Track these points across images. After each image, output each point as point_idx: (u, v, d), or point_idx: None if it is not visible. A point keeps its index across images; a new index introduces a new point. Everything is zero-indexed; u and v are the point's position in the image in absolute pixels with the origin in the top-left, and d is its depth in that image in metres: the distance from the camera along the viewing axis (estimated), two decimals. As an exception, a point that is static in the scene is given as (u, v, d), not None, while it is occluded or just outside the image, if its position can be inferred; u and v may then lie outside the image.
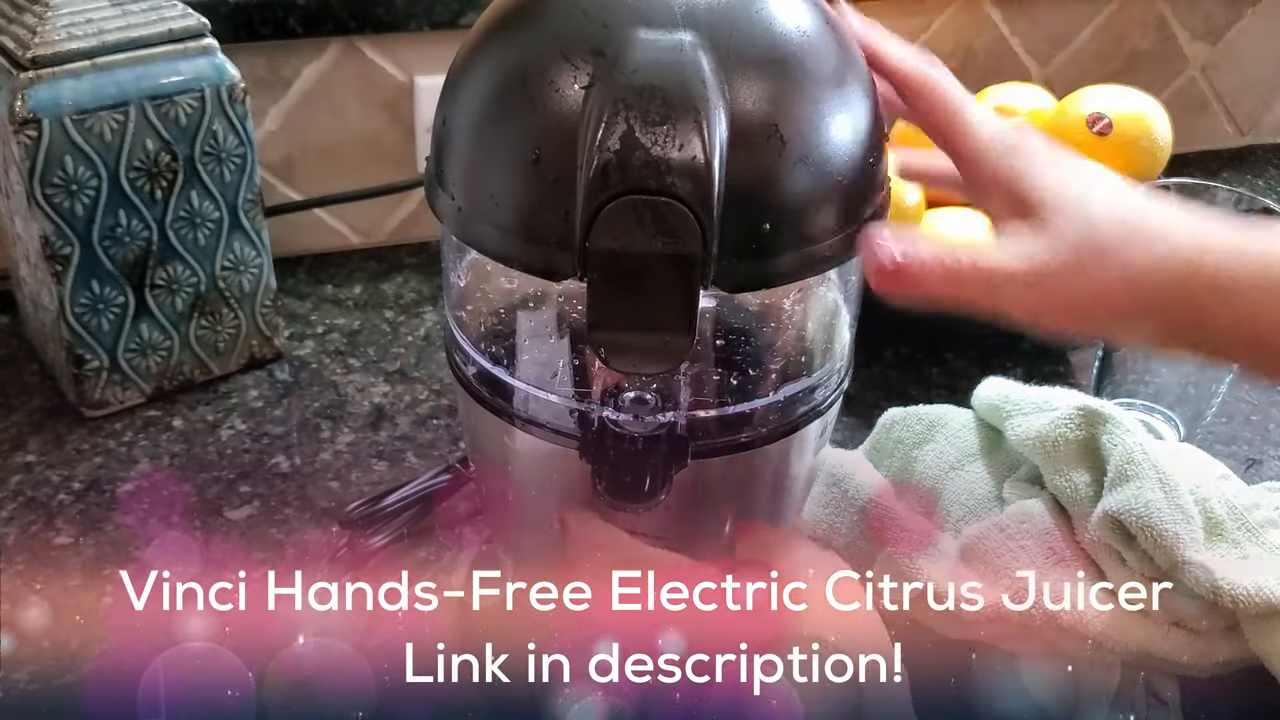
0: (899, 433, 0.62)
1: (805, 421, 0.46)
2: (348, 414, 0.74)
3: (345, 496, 0.66)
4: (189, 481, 0.67)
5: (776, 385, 0.46)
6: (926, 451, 0.60)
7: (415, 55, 0.86)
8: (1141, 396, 0.71)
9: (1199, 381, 0.69)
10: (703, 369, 0.46)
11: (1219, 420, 0.77)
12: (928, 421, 0.61)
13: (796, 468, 0.49)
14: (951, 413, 0.62)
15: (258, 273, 0.74)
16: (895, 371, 0.80)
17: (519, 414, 0.45)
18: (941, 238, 0.67)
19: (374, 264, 0.91)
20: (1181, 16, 1.09)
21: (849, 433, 0.74)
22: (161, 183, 0.68)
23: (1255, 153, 1.19)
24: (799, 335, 0.49)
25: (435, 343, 0.81)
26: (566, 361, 0.47)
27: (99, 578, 0.60)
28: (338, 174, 0.89)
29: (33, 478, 0.67)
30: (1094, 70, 1.08)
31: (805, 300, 0.48)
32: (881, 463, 0.61)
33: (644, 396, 0.42)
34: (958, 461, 0.60)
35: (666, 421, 0.41)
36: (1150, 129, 0.81)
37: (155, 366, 0.72)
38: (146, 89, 0.65)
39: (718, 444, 0.44)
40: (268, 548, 0.63)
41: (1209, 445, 0.74)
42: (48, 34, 0.63)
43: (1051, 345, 0.84)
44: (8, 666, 0.54)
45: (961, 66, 1.03)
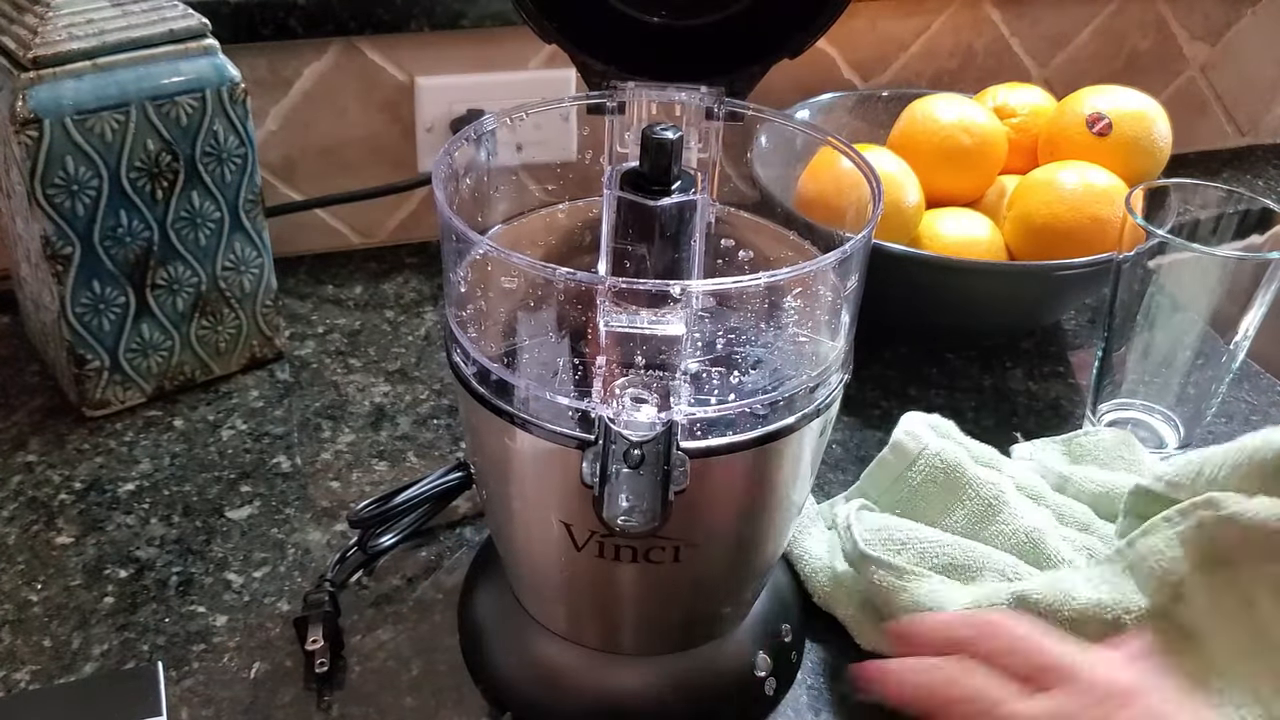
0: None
1: (805, 421, 0.47)
2: (348, 414, 0.74)
3: (346, 496, 0.67)
4: (189, 481, 0.67)
5: (776, 385, 0.46)
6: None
7: (416, 55, 0.86)
8: (1141, 397, 0.71)
9: (1199, 382, 0.69)
10: (702, 369, 0.46)
11: (1219, 420, 0.77)
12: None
13: (797, 467, 0.49)
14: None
15: (258, 273, 0.74)
16: (895, 371, 0.80)
17: (519, 414, 0.45)
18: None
19: (374, 264, 0.91)
20: (1181, 17, 1.09)
21: (849, 433, 0.74)
22: (162, 183, 0.68)
23: (1255, 153, 1.19)
24: (799, 335, 0.49)
25: (435, 342, 0.81)
26: (567, 361, 0.47)
27: (99, 577, 0.61)
28: (338, 174, 0.89)
29: (33, 477, 0.67)
30: (1094, 70, 1.08)
31: (805, 300, 0.48)
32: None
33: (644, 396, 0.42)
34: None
35: (666, 421, 0.41)
36: (1150, 129, 0.81)
37: (156, 366, 0.73)
38: (147, 89, 0.65)
39: (718, 444, 0.45)
40: (269, 548, 0.63)
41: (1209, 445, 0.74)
42: (49, 34, 0.63)
43: (1051, 345, 0.84)
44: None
45: (961, 66, 1.04)
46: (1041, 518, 0.60)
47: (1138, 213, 0.67)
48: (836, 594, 0.59)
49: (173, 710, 0.54)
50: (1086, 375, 0.81)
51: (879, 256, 0.54)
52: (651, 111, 0.52)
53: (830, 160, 0.55)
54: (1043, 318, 0.85)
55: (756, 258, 0.54)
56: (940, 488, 0.60)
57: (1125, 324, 0.69)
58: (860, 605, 0.58)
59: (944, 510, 0.60)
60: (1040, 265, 0.75)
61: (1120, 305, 0.69)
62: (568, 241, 0.56)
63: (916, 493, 0.61)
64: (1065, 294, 0.79)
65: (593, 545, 0.47)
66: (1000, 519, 0.59)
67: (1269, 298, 0.65)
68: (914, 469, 0.61)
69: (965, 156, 0.83)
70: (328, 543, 0.63)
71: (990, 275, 0.76)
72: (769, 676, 0.55)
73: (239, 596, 0.60)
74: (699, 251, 0.47)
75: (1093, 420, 0.74)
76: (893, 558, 0.55)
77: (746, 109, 0.52)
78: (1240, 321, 0.66)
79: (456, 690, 0.55)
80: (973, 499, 0.60)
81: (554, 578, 0.52)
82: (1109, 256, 0.70)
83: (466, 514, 0.66)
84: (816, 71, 0.98)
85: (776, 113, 0.55)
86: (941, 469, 0.60)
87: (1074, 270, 0.73)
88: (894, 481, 0.62)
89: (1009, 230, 0.80)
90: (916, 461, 0.61)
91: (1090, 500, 0.64)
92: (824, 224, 0.55)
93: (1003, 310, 0.80)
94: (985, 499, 0.59)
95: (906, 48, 1.01)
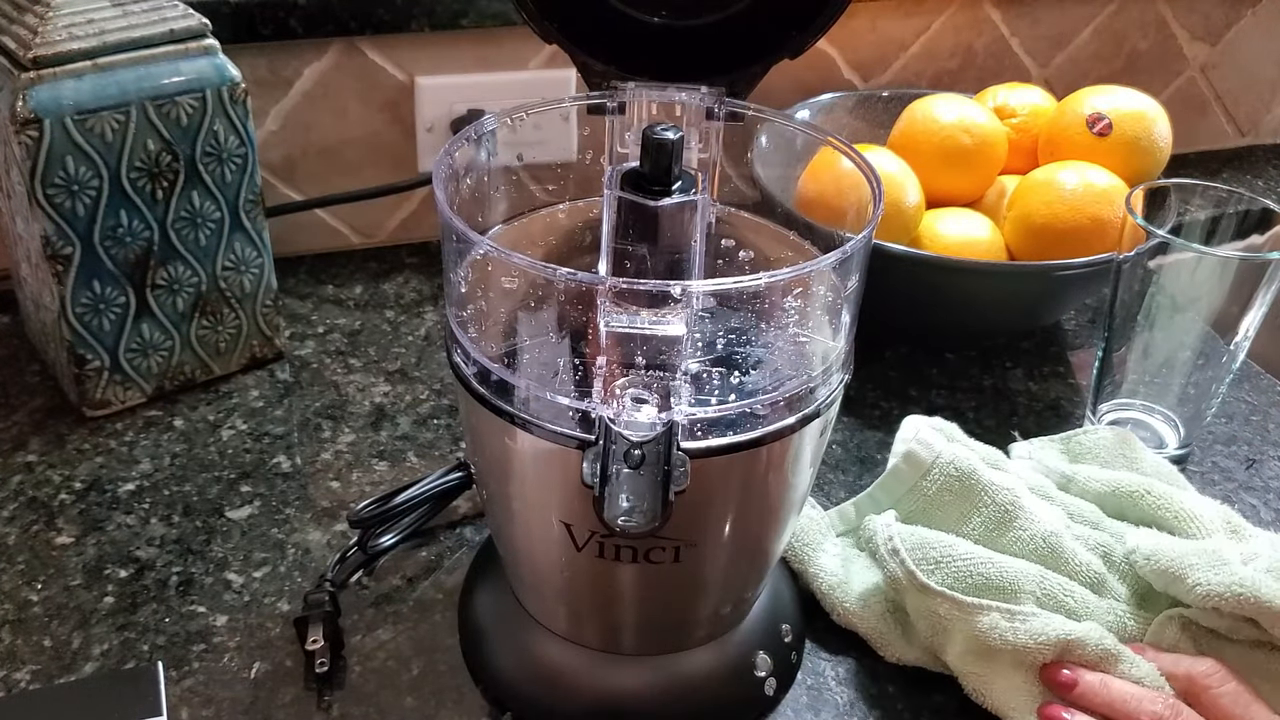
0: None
1: (805, 422, 0.47)
2: (348, 414, 0.74)
3: (346, 496, 0.67)
4: (190, 481, 0.67)
5: (776, 385, 0.46)
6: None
7: (416, 55, 0.86)
8: (1142, 397, 0.71)
9: (1199, 382, 0.69)
10: (703, 369, 0.46)
11: (1219, 420, 0.77)
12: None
13: (797, 468, 0.49)
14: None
15: (259, 273, 0.74)
16: (895, 371, 0.80)
17: (519, 414, 0.45)
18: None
19: (374, 264, 0.91)
20: (1181, 17, 1.09)
21: (849, 433, 0.74)
22: (163, 183, 0.68)
23: (1255, 153, 1.19)
24: (799, 335, 0.49)
25: (436, 342, 0.81)
26: (567, 362, 0.47)
27: (99, 577, 0.61)
28: (338, 174, 0.89)
29: (34, 477, 0.67)
30: (1094, 70, 1.08)
31: (805, 300, 0.48)
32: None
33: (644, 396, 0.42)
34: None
35: (667, 421, 0.41)
36: (1150, 129, 0.81)
37: (156, 366, 0.73)
38: (148, 89, 0.65)
39: (718, 444, 0.45)
40: (269, 548, 0.63)
41: (1209, 445, 0.75)
42: (49, 34, 0.63)
43: (1051, 345, 0.84)
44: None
45: (961, 66, 1.04)
46: (1055, 519, 0.60)
47: (1138, 213, 0.67)
48: (862, 612, 0.58)
49: (173, 710, 0.54)
50: (1087, 375, 0.81)
51: (879, 257, 0.54)
52: (652, 112, 0.52)
53: (830, 160, 0.55)
54: (1043, 318, 0.85)
55: (757, 258, 0.54)
56: (956, 496, 0.60)
57: (1125, 324, 0.69)
58: (884, 619, 0.58)
59: (961, 518, 0.60)
60: (1040, 265, 0.75)
61: (1120, 305, 0.69)
62: (568, 241, 0.56)
63: (933, 502, 0.61)
64: (1065, 294, 0.79)
65: (593, 545, 0.47)
66: (1017, 524, 0.59)
67: (1269, 298, 0.65)
68: (928, 478, 0.61)
69: (965, 157, 0.83)
70: (328, 543, 0.63)
71: (990, 275, 0.76)
72: (769, 676, 0.55)
73: (239, 596, 0.60)
74: (699, 252, 0.47)
75: (1093, 420, 0.74)
76: (928, 577, 0.55)
77: (747, 109, 0.52)
78: (1240, 321, 0.66)
79: (456, 690, 0.55)
80: (989, 505, 0.60)
81: (554, 578, 0.52)
82: (1109, 256, 0.70)
83: (466, 514, 0.66)
84: (816, 71, 0.98)
85: (777, 113, 0.55)
86: (956, 476, 0.60)
87: (1074, 270, 0.73)
88: (909, 491, 0.61)
89: (1009, 230, 0.80)
90: (931, 471, 0.61)
91: (1095, 499, 0.64)
92: (824, 224, 0.55)
93: (1003, 310, 0.80)
94: (1001, 505, 0.59)
95: (906, 48, 1.01)
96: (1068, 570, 0.58)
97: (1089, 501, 0.64)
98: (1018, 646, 0.53)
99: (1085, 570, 0.58)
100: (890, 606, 0.58)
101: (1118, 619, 0.57)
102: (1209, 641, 0.56)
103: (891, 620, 0.58)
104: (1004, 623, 0.54)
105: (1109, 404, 0.73)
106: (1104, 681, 0.53)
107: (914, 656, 0.57)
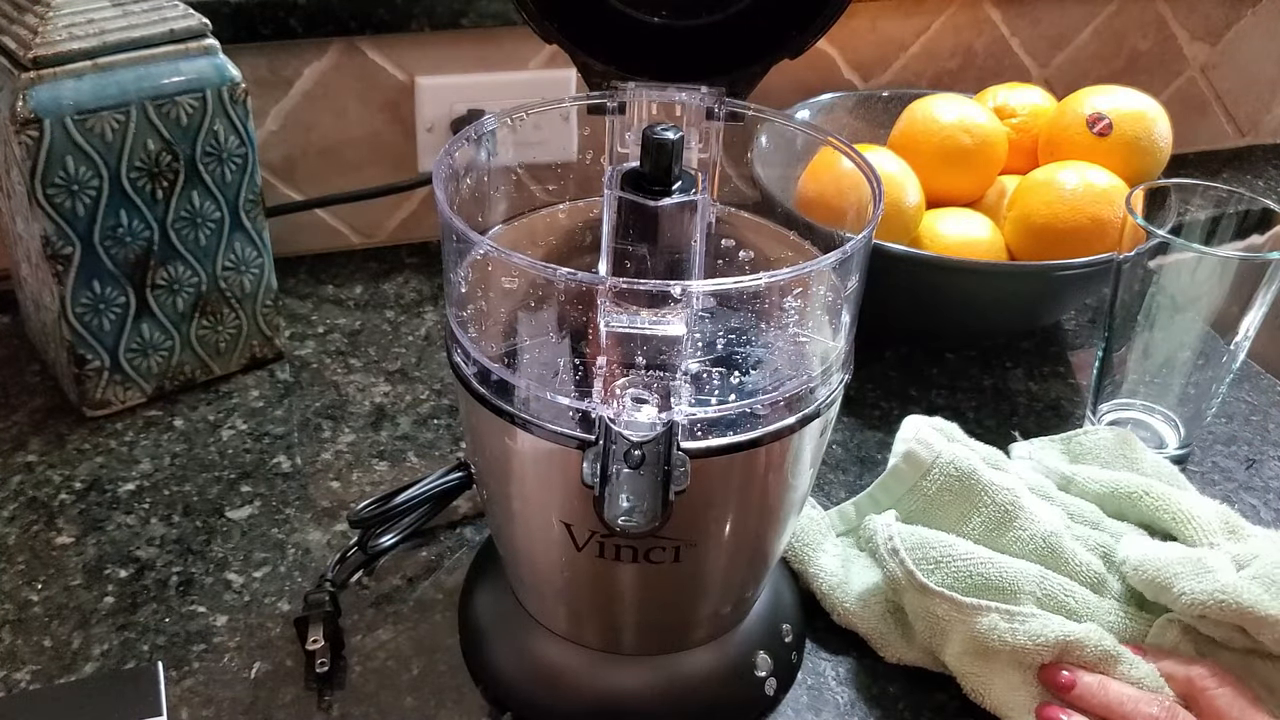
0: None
1: (805, 422, 0.47)
2: (349, 414, 0.74)
3: (346, 496, 0.67)
4: (190, 481, 0.67)
5: (776, 385, 0.46)
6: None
7: (416, 55, 0.86)
8: (1142, 397, 0.71)
9: (1199, 382, 0.69)
10: (703, 369, 0.46)
11: (1219, 420, 0.77)
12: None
13: (797, 468, 0.49)
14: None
15: (259, 273, 0.74)
16: (895, 371, 0.80)
17: (520, 414, 0.45)
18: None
19: (374, 264, 0.91)
20: (1181, 17, 1.09)
21: (849, 433, 0.74)
22: (163, 183, 0.68)
23: (1255, 153, 1.19)
24: (799, 335, 0.49)
25: (436, 342, 0.81)
26: (567, 361, 0.47)
27: (99, 577, 0.61)
28: (338, 174, 0.89)
29: (34, 477, 0.67)
30: (1094, 70, 1.08)
31: (805, 300, 0.48)
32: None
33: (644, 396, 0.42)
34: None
35: (667, 421, 0.41)
36: (1150, 129, 0.81)
37: (156, 366, 0.73)
38: (148, 89, 0.65)
39: (718, 444, 0.45)
40: (269, 548, 0.63)
41: (1209, 445, 0.75)
42: (49, 34, 0.63)
43: (1051, 345, 0.84)
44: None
45: (961, 66, 1.04)
46: (1054, 519, 0.60)
47: (1138, 213, 0.67)
48: (862, 612, 0.58)
49: (173, 710, 0.54)
50: (1087, 375, 0.81)
51: (879, 257, 0.54)
52: (652, 112, 0.52)
53: (830, 160, 0.55)
54: (1043, 318, 0.85)
55: (757, 258, 0.54)
56: (956, 496, 0.60)
57: (1125, 324, 0.69)
58: (884, 619, 0.58)
59: (961, 518, 0.60)
60: (1040, 265, 0.75)
61: (1120, 305, 0.69)
62: (568, 241, 0.56)
63: (933, 502, 0.61)
64: (1065, 294, 0.79)
65: (593, 545, 0.47)
66: (1017, 524, 0.59)
67: (1269, 298, 0.65)
68: (928, 478, 0.61)
69: (965, 157, 0.83)
70: (328, 543, 0.63)
71: (990, 275, 0.76)
72: (769, 676, 0.55)
73: (239, 596, 0.60)
74: (699, 252, 0.47)
75: (1093, 420, 0.74)
76: (927, 578, 0.55)
77: (747, 109, 0.52)
78: (1240, 321, 0.66)
79: (456, 690, 0.55)
80: (989, 505, 0.59)
81: (554, 578, 0.52)
82: (1109, 256, 0.70)
83: (466, 514, 0.66)
84: (816, 71, 0.98)
85: (777, 113, 0.55)
86: (956, 476, 0.60)
87: (1074, 270, 0.73)
88: (909, 491, 0.61)
89: (1009, 230, 0.80)
90: (931, 471, 0.61)
91: (1095, 499, 0.64)
92: (824, 224, 0.55)
93: (1003, 310, 0.80)
94: (1001, 505, 0.59)
95: (906, 48, 1.01)
96: (1068, 570, 0.58)
97: (1089, 502, 0.64)
98: (1016, 647, 0.53)
99: (1085, 570, 0.58)
100: (890, 606, 0.58)
101: (1118, 619, 0.57)
102: (1209, 645, 0.56)
103: (891, 620, 0.58)
104: (1003, 624, 0.54)
105: (1109, 404, 0.73)
106: (1102, 683, 0.53)
107: (914, 656, 0.57)
